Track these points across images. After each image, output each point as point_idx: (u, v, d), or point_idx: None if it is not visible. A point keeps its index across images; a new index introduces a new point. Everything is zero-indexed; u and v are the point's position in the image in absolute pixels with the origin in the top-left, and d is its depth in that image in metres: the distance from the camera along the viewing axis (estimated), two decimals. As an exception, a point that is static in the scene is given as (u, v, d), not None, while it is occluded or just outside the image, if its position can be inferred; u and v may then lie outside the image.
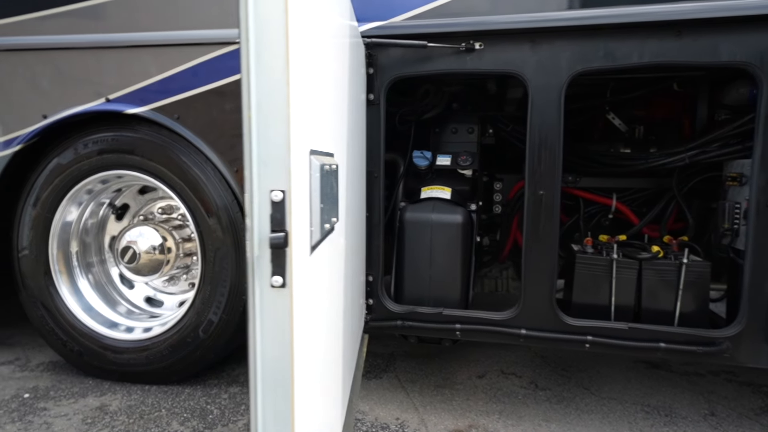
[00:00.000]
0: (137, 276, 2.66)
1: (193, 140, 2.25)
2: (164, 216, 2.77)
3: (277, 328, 0.98)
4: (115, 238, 2.80)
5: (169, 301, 2.80)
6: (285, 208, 0.95)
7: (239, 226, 2.32)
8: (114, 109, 2.32)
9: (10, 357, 2.85)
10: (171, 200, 2.71)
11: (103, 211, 2.75)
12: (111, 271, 2.80)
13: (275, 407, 1.00)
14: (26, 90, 2.41)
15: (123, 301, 2.72)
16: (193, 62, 2.21)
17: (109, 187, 2.60)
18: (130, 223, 2.77)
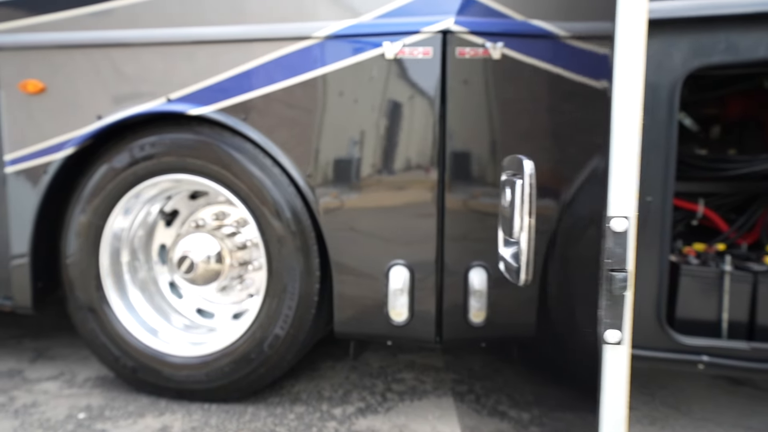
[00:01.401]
0: (192, 286, 2.51)
1: (262, 143, 2.10)
2: (216, 223, 2.61)
3: (611, 395, 0.75)
4: (165, 246, 2.67)
5: (221, 312, 2.65)
6: (627, 241, 0.72)
7: (309, 236, 2.16)
8: (176, 110, 2.17)
9: (54, 372, 2.70)
10: (223, 206, 2.56)
11: (153, 218, 2.60)
12: (159, 281, 2.65)
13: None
14: (80, 90, 2.26)
15: (179, 314, 2.57)
16: (263, 59, 2.05)
17: (163, 193, 2.45)
18: (180, 230, 2.62)
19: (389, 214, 2.02)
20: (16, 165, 2.36)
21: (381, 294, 2.05)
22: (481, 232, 2.00)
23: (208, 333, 2.48)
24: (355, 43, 1.97)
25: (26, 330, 3.33)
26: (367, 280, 2.07)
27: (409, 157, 1.98)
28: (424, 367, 2.78)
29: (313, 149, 2.06)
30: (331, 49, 1.99)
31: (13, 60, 2.31)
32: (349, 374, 2.70)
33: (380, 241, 2.03)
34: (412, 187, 1.99)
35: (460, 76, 1.91)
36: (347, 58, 1.98)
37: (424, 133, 1.95)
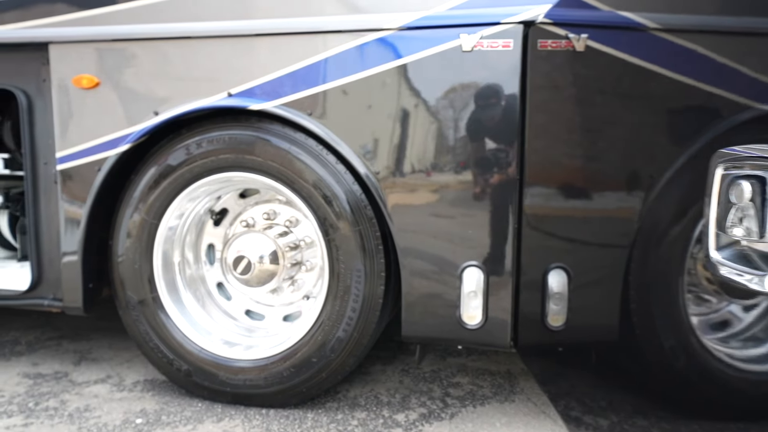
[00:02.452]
0: (245, 288, 2.44)
1: (328, 138, 2.02)
2: (267, 222, 2.53)
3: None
4: (212, 245, 2.59)
5: (271, 314, 2.57)
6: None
7: (374, 236, 2.08)
8: (237, 105, 2.10)
9: (100, 374, 2.63)
10: (274, 204, 2.49)
11: (202, 217, 2.53)
12: (208, 282, 2.58)
13: None
14: (136, 85, 2.19)
15: (230, 316, 2.50)
16: (332, 52, 1.98)
17: (217, 191, 2.38)
18: (228, 230, 2.55)
19: (463, 213, 1.94)
20: (69, 162, 2.29)
21: (453, 296, 1.97)
22: (561, 233, 1.92)
23: (266, 336, 2.40)
24: (429, 35, 1.89)
25: (63, 332, 3.26)
26: (439, 281, 1.99)
27: (485, 154, 1.90)
28: (478, 371, 2.70)
29: (383, 146, 1.98)
30: (404, 41, 1.91)
31: (67, 54, 2.24)
32: (402, 378, 2.62)
33: (453, 241, 1.95)
34: (489, 185, 1.91)
35: (541, 69, 1.83)
36: (421, 51, 1.90)
37: (503, 128, 1.87)
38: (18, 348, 2.99)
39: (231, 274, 2.41)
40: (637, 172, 1.89)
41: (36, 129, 2.39)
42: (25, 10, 2.27)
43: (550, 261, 1.91)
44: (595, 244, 1.92)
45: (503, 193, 1.89)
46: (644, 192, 1.88)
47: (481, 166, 1.90)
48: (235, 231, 2.48)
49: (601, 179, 1.89)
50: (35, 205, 2.42)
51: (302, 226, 2.44)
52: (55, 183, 2.35)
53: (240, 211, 2.55)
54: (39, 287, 2.47)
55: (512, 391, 2.49)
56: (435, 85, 1.91)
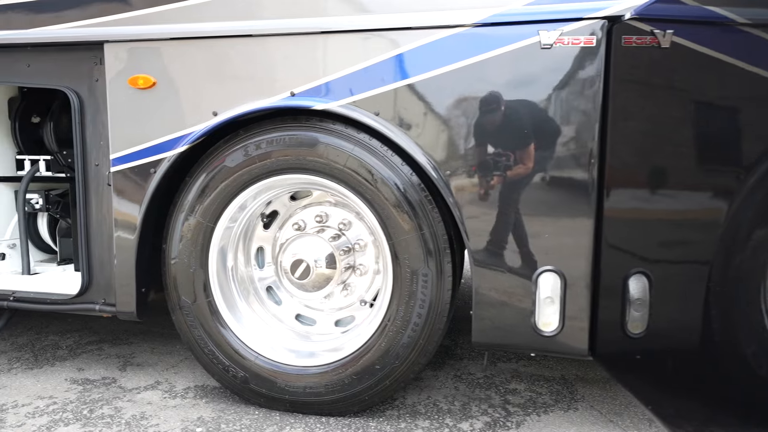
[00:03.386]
0: (301, 292, 2.38)
1: (397, 139, 1.96)
2: (319, 225, 2.47)
3: None
4: (261, 248, 2.54)
5: (322, 319, 2.51)
6: None
7: (442, 239, 2.02)
8: (300, 105, 2.04)
9: (149, 380, 2.58)
10: (326, 207, 2.43)
11: (253, 219, 2.47)
12: (258, 286, 2.52)
13: None
14: (194, 85, 2.13)
15: (282, 320, 2.44)
16: (402, 49, 1.91)
17: (275, 193, 2.32)
18: (278, 233, 2.49)
19: (540, 216, 1.87)
20: (123, 164, 2.24)
21: (528, 302, 1.91)
22: (643, 237, 1.85)
23: (324, 342, 2.34)
24: (505, 32, 1.83)
25: (102, 335, 3.22)
26: (513, 286, 1.92)
27: (564, 154, 1.83)
28: (532, 377, 2.63)
29: (454, 146, 1.92)
30: (479, 38, 1.85)
31: (123, 54, 2.19)
32: (456, 384, 2.56)
33: (529, 245, 1.89)
34: (567, 187, 1.84)
35: (624, 66, 1.76)
36: (498, 48, 1.83)
37: (583, 128, 1.80)
38: (60, 352, 2.95)
39: (285, 278, 2.35)
40: (724, 172, 1.82)
41: (87, 130, 2.34)
42: (80, 10, 2.22)
43: (631, 266, 1.84)
44: (678, 248, 1.85)
45: (583, 195, 1.82)
46: (731, 193, 1.81)
47: (560, 167, 1.83)
48: (287, 234, 2.42)
49: (686, 181, 1.82)
50: (85, 208, 2.37)
51: (354, 229, 2.38)
52: (108, 185, 2.30)
53: (290, 214, 2.50)
54: (88, 292, 2.42)
55: (573, 398, 2.42)
56: (511, 84, 1.84)
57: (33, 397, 2.39)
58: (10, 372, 2.67)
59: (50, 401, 2.35)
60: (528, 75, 1.82)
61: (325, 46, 2.00)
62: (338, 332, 2.39)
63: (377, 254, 2.37)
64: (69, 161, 3.04)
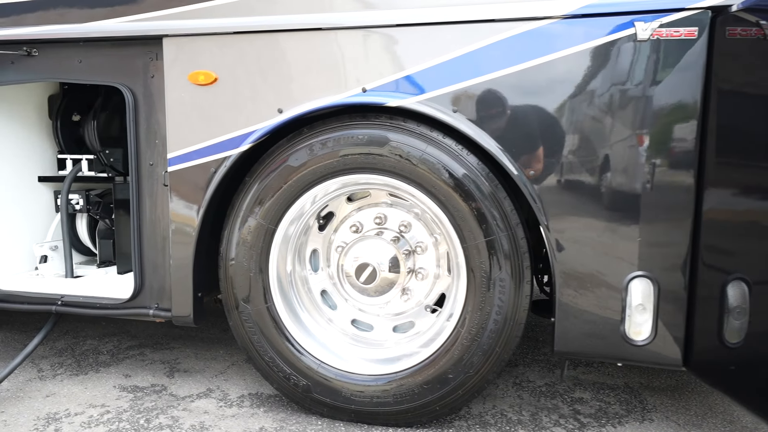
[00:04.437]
0: (364, 297, 2.28)
1: (479, 139, 1.86)
2: (378, 227, 2.38)
3: None
4: (316, 251, 2.44)
5: (380, 324, 2.41)
6: None
7: (521, 243, 1.92)
8: (372, 102, 1.95)
9: (200, 388, 2.49)
10: (383, 207, 2.33)
11: (310, 221, 2.38)
12: (313, 291, 2.42)
13: None
14: (258, 80, 2.04)
15: (338, 326, 2.34)
16: (484, 42, 1.82)
17: (339, 193, 2.22)
18: (333, 235, 2.39)
19: (632, 218, 1.77)
20: (181, 163, 2.15)
21: (617, 309, 1.81)
22: (744, 241, 1.74)
23: (391, 349, 2.24)
24: (598, 23, 1.73)
25: (141, 340, 3.14)
26: (601, 293, 1.82)
27: (660, 153, 1.73)
28: (596, 385, 2.53)
29: (540, 144, 1.82)
30: (569, 30, 1.75)
31: (183, 49, 2.10)
32: (519, 392, 2.46)
33: (619, 249, 1.79)
34: (663, 187, 1.74)
35: (728, 60, 1.66)
36: (589, 41, 1.74)
37: (682, 125, 1.70)
38: (102, 358, 2.86)
39: (347, 283, 2.26)
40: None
41: (141, 128, 2.26)
42: (137, 3, 2.13)
43: (730, 271, 1.74)
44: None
45: (680, 196, 1.72)
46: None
47: (655, 167, 1.74)
48: (345, 236, 2.32)
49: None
50: (138, 209, 2.29)
51: (414, 231, 2.29)
52: (165, 185, 2.21)
53: (345, 216, 2.40)
54: (140, 296, 2.33)
55: (644, 408, 2.32)
56: (603, 80, 1.74)
57: (84, 405, 2.31)
58: (56, 378, 2.59)
59: (103, 410, 2.26)
60: (621, 70, 1.72)
61: (400, 39, 1.90)
62: (402, 339, 2.29)
63: (438, 257, 2.28)
64: (111, 160, 2.96)
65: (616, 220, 1.79)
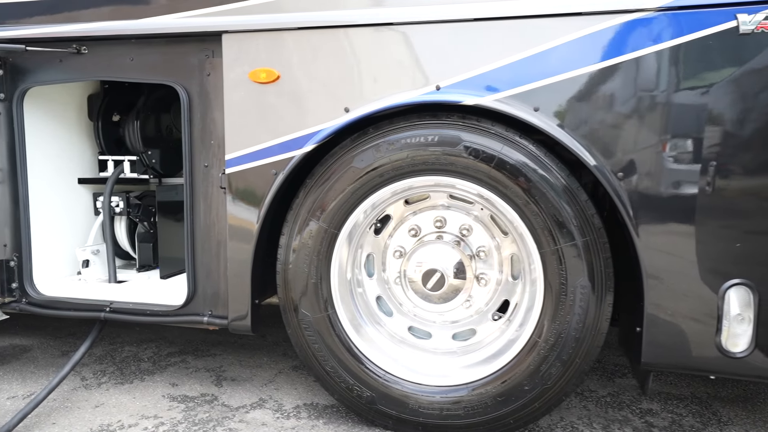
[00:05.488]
0: (428, 304, 2.19)
1: (562, 138, 1.76)
2: (438, 231, 2.28)
3: None
4: (371, 255, 2.35)
5: (438, 332, 2.31)
6: None
7: (604, 248, 1.83)
8: (447, 100, 1.85)
9: (252, 398, 2.40)
10: (440, 210, 2.23)
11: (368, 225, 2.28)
12: (369, 297, 2.33)
13: None
14: (324, 78, 1.95)
15: (395, 333, 2.25)
16: (569, 37, 1.72)
17: (403, 196, 2.13)
18: (388, 239, 2.29)
19: (729, 223, 1.67)
20: (240, 165, 2.06)
21: (712, 319, 1.71)
22: None
23: (459, 358, 2.15)
24: (695, 16, 1.63)
25: (180, 346, 3.05)
26: (694, 302, 1.72)
27: (760, 154, 1.63)
28: (662, 396, 2.43)
29: (630, 144, 1.72)
30: (662, 24, 1.65)
31: (243, 45, 2.01)
32: (584, 403, 2.36)
33: (715, 255, 1.69)
34: (764, 190, 1.64)
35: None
36: (685, 35, 1.64)
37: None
38: (143, 365, 2.78)
39: (410, 289, 2.17)
40: None
41: (195, 129, 2.17)
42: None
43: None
44: None
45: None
46: None
47: (754, 169, 1.64)
48: (403, 241, 2.23)
49: None
50: (192, 212, 2.20)
51: (475, 235, 2.19)
52: (221, 188, 2.13)
53: (401, 219, 2.30)
54: (193, 302, 2.25)
55: (720, 420, 2.21)
56: (701, 75, 1.64)
57: (137, 416, 2.22)
58: (101, 387, 2.51)
59: (156, 421, 2.18)
60: (720, 66, 1.62)
61: (478, 34, 1.81)
62: (467, 348, 2.19)
63: (500, 261, 2.18)
64: (153, 162, 2.89)
65: (713, 224, 1.69)
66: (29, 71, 2.31)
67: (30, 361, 2.85)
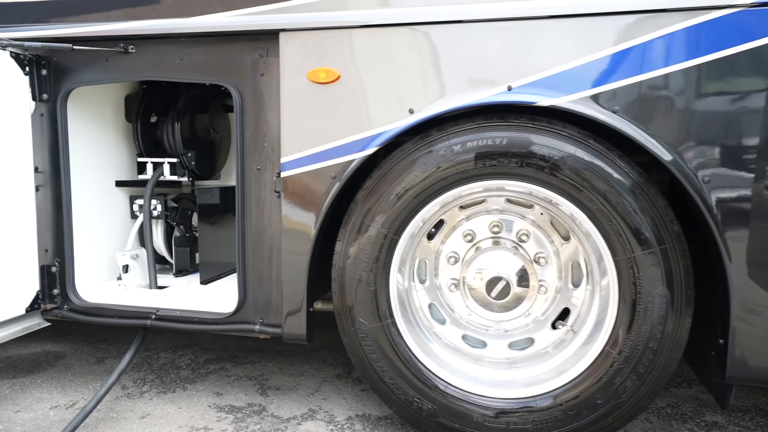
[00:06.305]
0: (489, 313, 2.11)
1: (643, 141, 1.68)
2: (494, 236, 2.20)
3: None
4: (421, 260, 2.26)
5: (493, 341, 2.23)
6: None
7: (685, 257, 1.74)
8: (520, 101, 1.77)
9: (300, 408, 2.32)
10: (495, 215, 2.16)
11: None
12: (422, 304, 2.24)
13: None
14: (387, 78, 1.87)
15: (449, 342, 2.17)
16: (652, 35, 1.64)
17: (464, 200, 2.06)
18: (441, 245, 2.21)
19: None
20: (298, 168, 1.98)
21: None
22: None
23: (523, 369, 2.06)
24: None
25: (216, 353, 2.98)
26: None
27: None
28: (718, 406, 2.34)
29: (719, 147, 1.64)
30: (757, 20, 1.57)
31: (302, 44, 1.94)
32: (646, 415, 2.27)
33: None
34: None
35: None
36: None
37: None
38: (183, 373, 2.71)
39: (470, 297, 2.09)
40: None
41: (248, 131, 2.10)
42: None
43: None
44: None
45: None
46: None
47: None
48: (456, 246, 2.15)
49: None
50: (243, 217, 2.12)
51: (534, 240, 2.11)
52: (276, 192, 2.05)
53: (453, 224, 2.22)
54: (243, 310, 2.17)
55: None
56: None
57: (186, 427, 2.14)
58: (144, 396, 2.43)
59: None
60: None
61: (553, 32, 1.73)
62: (529, 358, 2.11)
63: (560, 268, 2.11)
64: (193, 164, 2.82)
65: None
66: (74, 71, 2.24)
67: (66, 368, 2.79)
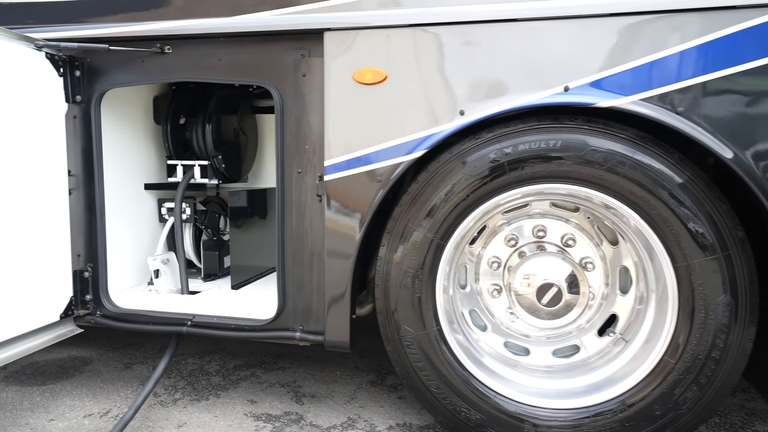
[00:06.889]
0: (535, 320, 2.06)
1: (709, 143, 1.62)
2: (538, 240, 2.14)
3: None
4: (462, 265, 2.21)
5: (536, 348, 2.17)
6: None
7: (749, 263, 1.68)
8: (578, 102, 1.71)
9: (339, 417, 2.27)
10: (538, 219, 2.10)
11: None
12: (464, 310, 2.18)
13: None
14: (437, 78, 1.82)
15: (501, 349, 2.11)
16: (724, 32, 1.58)
17: (516, 203, 2.00)
18: (483, 249, 2.16)
19: None
20: (342, 171, 1.93)
21: None
22: None
23: (573, 379, 2.00)
24: None
25: (244, 359, 2.92)
26: None
27: None
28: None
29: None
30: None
31: (348, 44, 1.88)
32: (693, 425, 2.21)
33: None
34: None
35: None
36: None
37: None
38: (214, 380, 2.65)
39: (518, 304, 2.04)
40: None
41: (288, 133, 2.04)
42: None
43: None
44: None
45: None
46: None
47: None
48: (498, 250, 2.10)
49: None
50: (283, 221, 2.07)
51: (579, 245, 2.05)
52: (317, 196, 2.00)
53: (495, 229, 2.16)
54: (282, 316, 2.12)
55: None
56: None
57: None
58: (177, 404, 2.38)
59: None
60: None
61: (613, 31, 1.67)
62: (577, 366, 2.05)
63: (606, 274, 2.05)
64: (224, 166, 2.77)
65: None
66: (108, 72, 2.19)
67: (94, 374, 2.74)
